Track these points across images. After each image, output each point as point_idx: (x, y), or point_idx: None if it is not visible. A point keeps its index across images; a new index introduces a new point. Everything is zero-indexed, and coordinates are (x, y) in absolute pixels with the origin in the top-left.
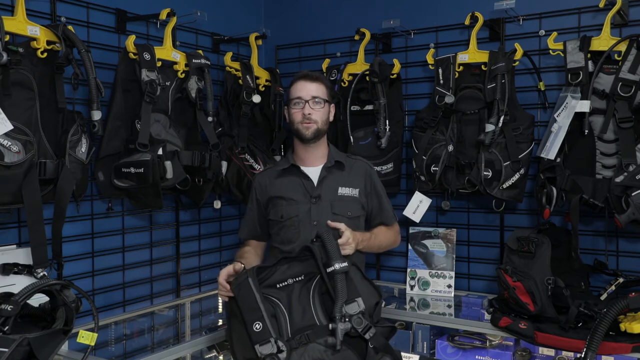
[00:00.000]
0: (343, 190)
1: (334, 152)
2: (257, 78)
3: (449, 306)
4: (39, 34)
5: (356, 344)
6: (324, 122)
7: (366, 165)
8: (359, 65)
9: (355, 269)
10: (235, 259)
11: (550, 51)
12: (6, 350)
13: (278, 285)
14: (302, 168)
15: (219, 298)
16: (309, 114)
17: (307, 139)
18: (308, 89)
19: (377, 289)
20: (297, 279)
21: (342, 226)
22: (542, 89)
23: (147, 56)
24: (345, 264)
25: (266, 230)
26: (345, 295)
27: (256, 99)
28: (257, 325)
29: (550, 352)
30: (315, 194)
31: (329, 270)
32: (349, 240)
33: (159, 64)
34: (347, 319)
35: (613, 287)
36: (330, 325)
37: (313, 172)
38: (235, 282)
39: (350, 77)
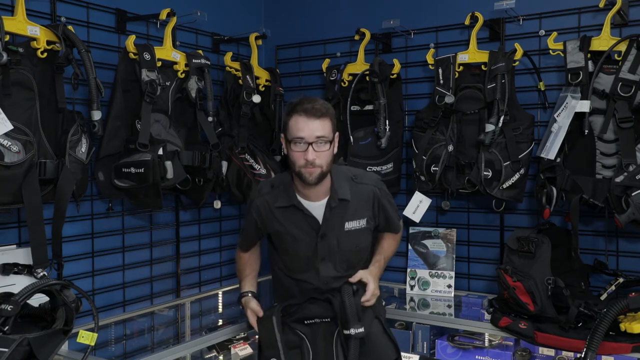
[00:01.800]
0: (350, 225)
1: (338, 185)
2: (257, 78)
3: (449, 306)
4: (39, 34)
5: None
6: (329, 163)
7: (373, 189)
8: (359, 65)
9: (377, 322)
10: (240, 272)
11: (550, 51)
12: (6, 350)
13: (306, 322)
14: (305, 204)
15: (219, 298)
16: (314, 159)
17: (310, 184)
18: (311, 129)
19: (395, 345)
20: (323, 320)
21: (364, 278)
22: (542, 89)
23: (147, 56)
24: (362, 330)
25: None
26: None
27: (256, 99)
28: None
29: (550, 352)
30: (321, 232)
31: (345, 332)
32: (374, 292)
33: (159, 64)
34: None
35: (613, 287)
36: None
37: (316, 208)
38: (260, 318)
39: (350, 77)
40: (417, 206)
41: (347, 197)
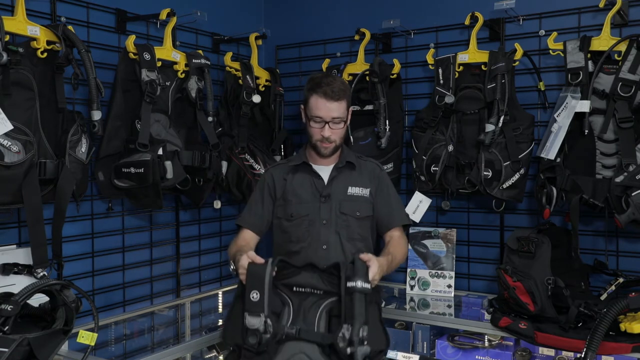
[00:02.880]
0: (353, 190)
1: (346, 153)
2: (257, 78)
3: (449, 306)
4: (39, 34)
5: None
6: (342, 138)
7: (376, 167)
8: (359, 65)
9: (375, 307)
10: (232, 252)
11: (550, 51)
12: (6, 350)
13: (294, 289)
14: (314, 166)
15: (219, 298)
16: (329, 136)
17: (324, 156)
18: (329, 109)
19: (387, 337)
20: (314, 291)
21: (370, 259)
22: (542, 89)
23: (147, 56)
24: (368, 285)
25: (266, 228)
26: (364, 318)
27: (256, 99)
28: (254, 294)
29: (550, 352)
30: (325, 193)
31: (349, 284)
32: (376, 277)
33: (159, 64)
34: (365, 342)
35: (613, 287)
36: (348, 350)
37: (324, 170)
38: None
39: (350, 77)
40: (417, 206)
41: (354, 162)
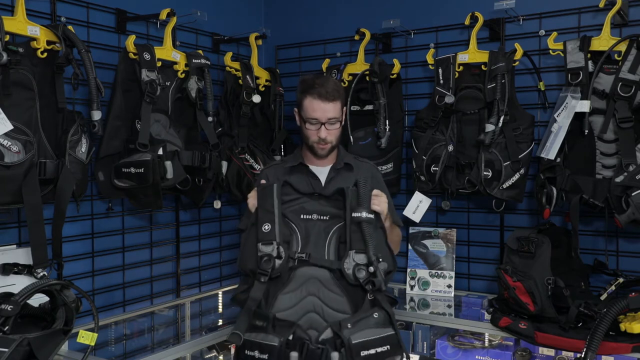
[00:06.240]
0: None
1: (343, 154)
2: (257, 78)
3: (449, 306)
4: (39, 34)
5: (353, 293)
6: (338, 137)
7: (373, 169)
8: (359, 65)
9: (381, 232)
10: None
11: (550, 51)
12: (6, 350)
13: (302, 216)
14: (311, 167)
15: (219, 298)
16: (326, 137)
17: (321, 157)
18: (324, 110)
19: (394, 259)
20: (321, 217)
21: (377, 193)
22: (542, 89)
23: (147, 56)
24: (372, 216)
25: None
26: (374, 241)
27: (256, 99)
28: (266, 226)
29: (550, 352)
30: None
31: (354, 214)
32: (383, 197)
33: (159, 64)
34: (381, 259)
35: (613, 287)
36: (370, 268)
37: (321, 171)
38: (262, 186)
39: (350, 77)
40: (417, 206)
41: (352, 164)
